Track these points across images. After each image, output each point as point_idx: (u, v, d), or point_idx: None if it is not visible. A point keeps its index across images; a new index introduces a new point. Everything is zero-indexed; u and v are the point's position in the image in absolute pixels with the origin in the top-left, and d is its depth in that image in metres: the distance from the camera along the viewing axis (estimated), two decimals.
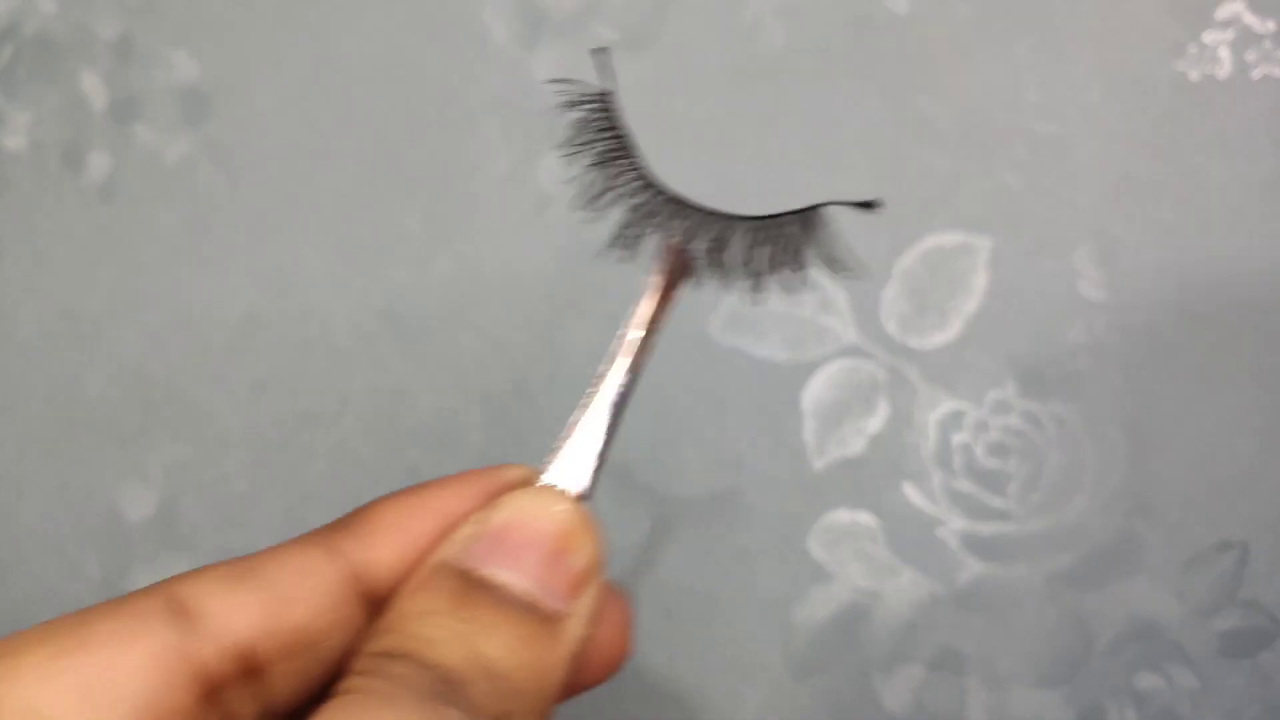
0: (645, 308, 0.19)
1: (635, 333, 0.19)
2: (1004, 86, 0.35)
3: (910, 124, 0.35)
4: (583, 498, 0.20)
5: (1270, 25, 0.33)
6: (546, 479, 0.20)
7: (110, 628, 0.17)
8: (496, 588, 0.18)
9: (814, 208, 0.20)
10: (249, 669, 0.18)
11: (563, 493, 0.19)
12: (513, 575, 0.18)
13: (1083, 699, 0.32)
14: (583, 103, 0.20)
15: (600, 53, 0.20)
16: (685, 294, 0.19)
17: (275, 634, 0.18)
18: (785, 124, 0.36)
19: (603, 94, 0.20)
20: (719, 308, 0.34)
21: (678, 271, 0.19)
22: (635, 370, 0.19)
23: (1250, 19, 0.33)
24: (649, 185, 0.20)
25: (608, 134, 0.20)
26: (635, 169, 0.20)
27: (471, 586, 0.18)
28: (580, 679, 0.20)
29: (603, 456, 0.19)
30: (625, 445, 0.36)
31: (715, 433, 0.34)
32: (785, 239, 0.20)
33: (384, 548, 0.19)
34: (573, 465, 0.19)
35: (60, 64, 0.41)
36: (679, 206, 0.20)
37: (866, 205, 0.19)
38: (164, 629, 0.18)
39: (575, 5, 0.38)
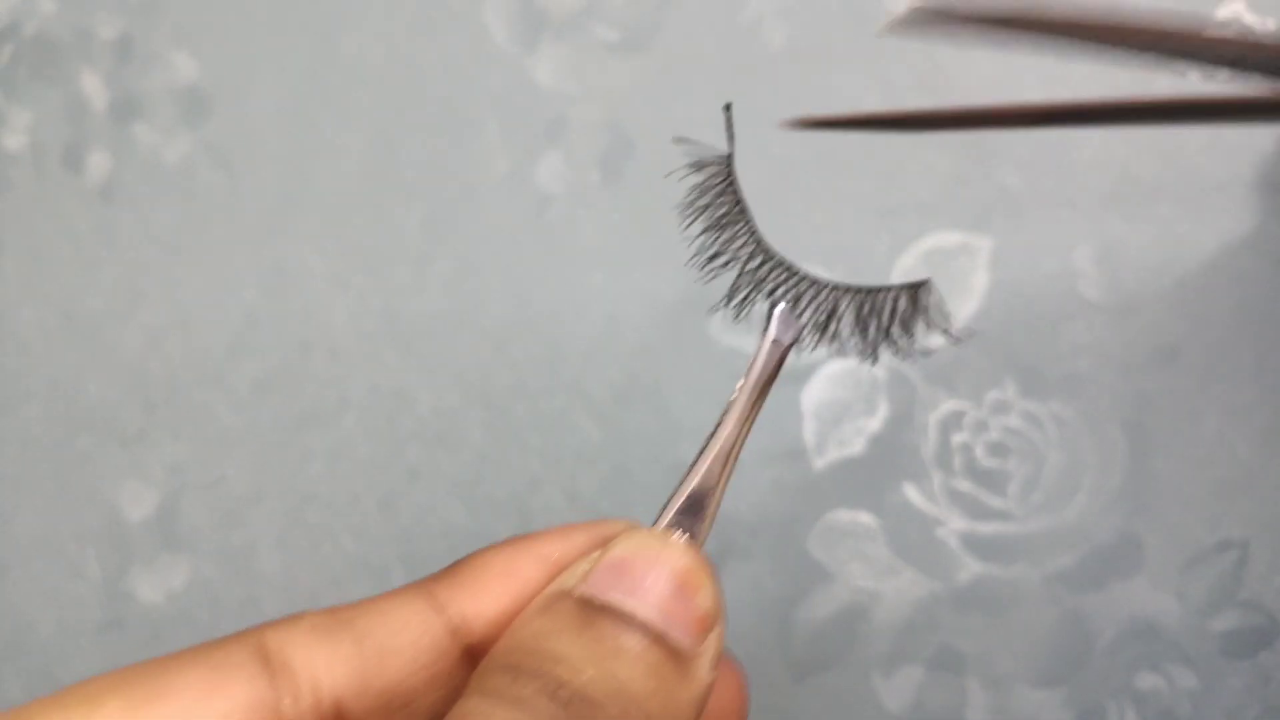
0: (757, 368, 0.20)
1: (747, 391, 0.20)
2: (1004, 86, 0.35)
3: None
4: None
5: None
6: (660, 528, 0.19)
7: (192, 677, 0.16)
8: (623, 614, 0.17)
9: (922, 282, 0.20)
10: None
11: (680, 536, 0.19)
12: (638, 604, 0.17)
13: (1082, 699, 0.32)
14: (704, 166, 0.20)
15: (727, 110, 0.20)
16: (793, 356, 0.20)
17: (368, 691, 0.17)
18: None
19: (724, 158, 0.20)
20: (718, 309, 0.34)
21: (787, 335, 0.20)
22: (745, 427, 0.20)
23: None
24: (762, 250, 0.20)
25: (725, 198, 0.20)
26: (750, 233, 0.20)
27: (595, 612, 0.17)
28: None
29: (714, 509, 0.20)
30: (625, 446, 0.36)
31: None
32: (891, 308, 0.20)
33: (489, 596, 0.18)
34: (685, 517, 0.19)
35: (60, 64, 0.41)
36: (790, 273, 0.20)
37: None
38: (250, 681, 0.16)
39: (575, 5, 0.38)
